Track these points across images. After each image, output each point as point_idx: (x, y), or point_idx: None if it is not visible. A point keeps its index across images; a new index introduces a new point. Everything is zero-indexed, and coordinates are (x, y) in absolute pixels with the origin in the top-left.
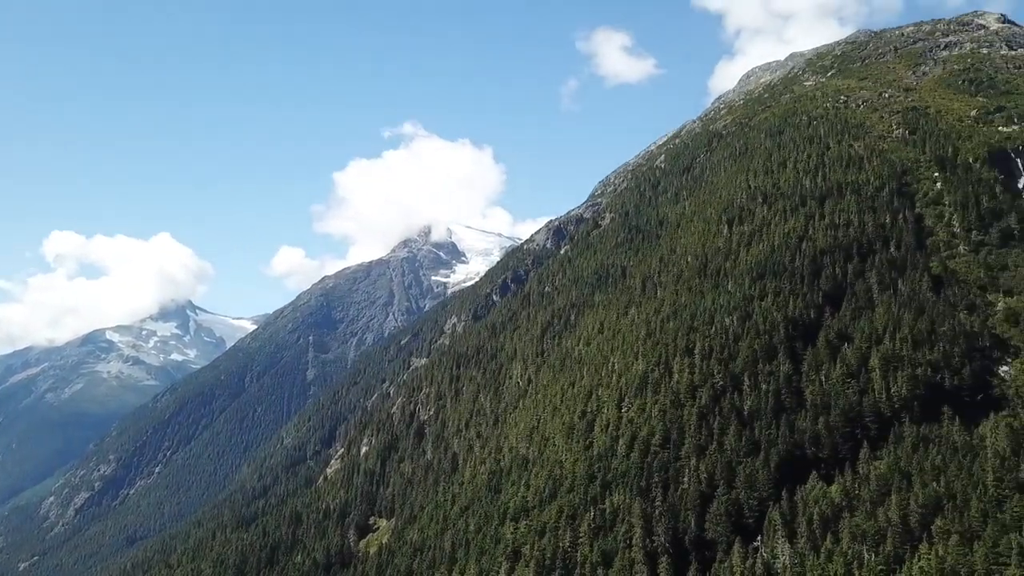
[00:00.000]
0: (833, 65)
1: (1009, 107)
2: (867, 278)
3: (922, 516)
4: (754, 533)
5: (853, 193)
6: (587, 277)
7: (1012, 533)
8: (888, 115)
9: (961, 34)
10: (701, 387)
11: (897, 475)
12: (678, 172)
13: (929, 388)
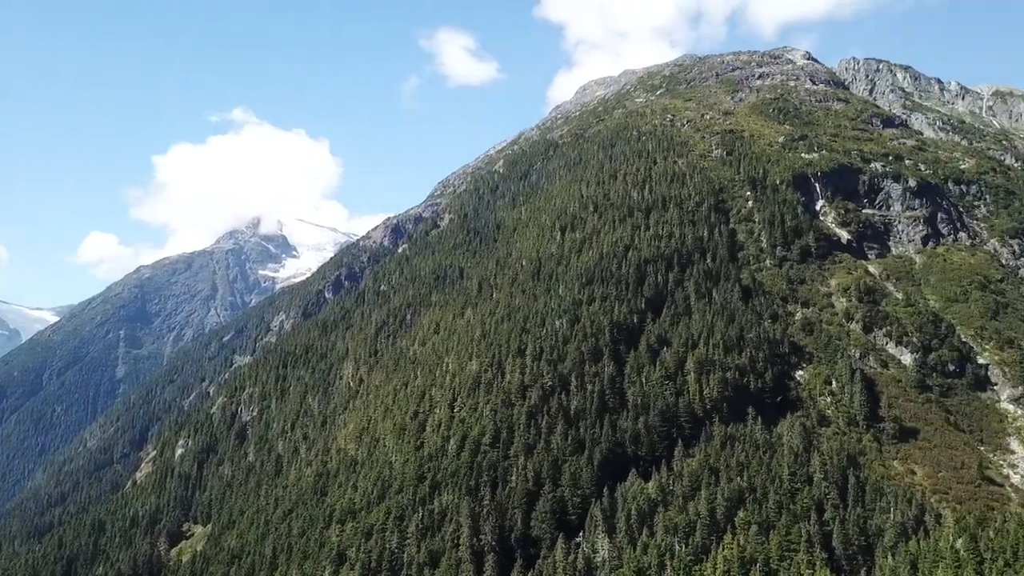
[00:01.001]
0: (662, 85)
1: (811, 136)
2: (686, 287)
3: (727, 509)
4: (577, 529)
5: (676, 207)
6: (424, 277)
7: (802, 522)
8: (709, 136)
9: (773, 66)
10: (531, 387)
11: (707, 471)
12: (516, 178)
13: (737, 390)
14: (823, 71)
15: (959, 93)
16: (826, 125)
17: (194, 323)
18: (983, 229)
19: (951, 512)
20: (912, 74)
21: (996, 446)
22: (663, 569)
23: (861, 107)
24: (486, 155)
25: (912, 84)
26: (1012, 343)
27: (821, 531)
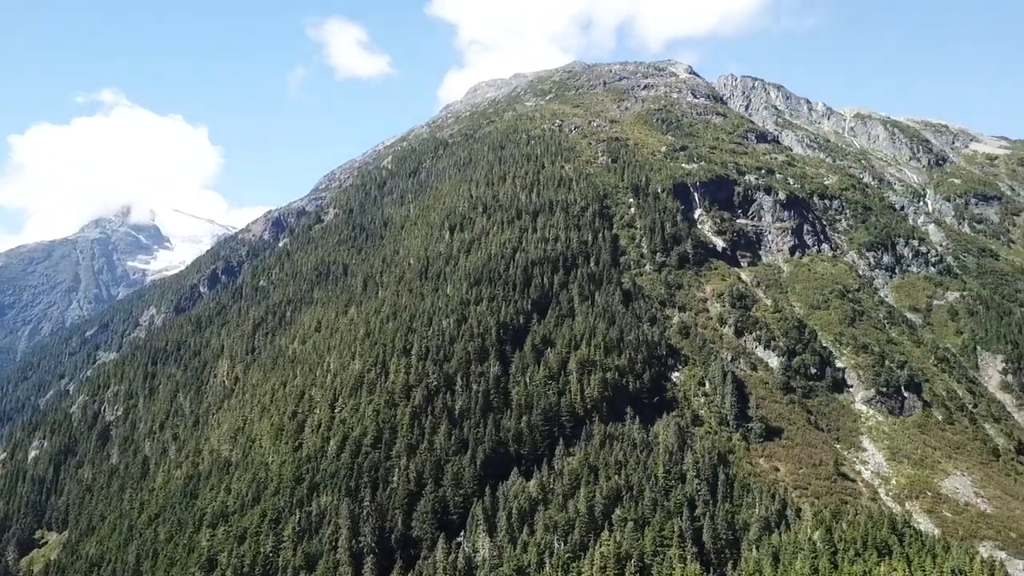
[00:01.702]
0: (552, 90)
1: (691, 147)
2: (570, 289)
3: (605, 506)
4: (458, 529)
5: (562, 211)
6: (307, 273)
7: (675, 518)
8: (595, 142)
9: (658, 78)
10: (416, 387)
11: (586, 470)
12: (405, 175)
13: (616, 390)
14: (704, 86)
15: (825, 114)
16: (705, 137)
17: (53, 316)
18: (844, 241)
19: (810, 506)
20: (784, 93)
21: (850, 444)
22: (542, 567)
23: (738, 122)
24: (374, 150)
25: (784, 103)
26: (867, 348)
27: (692, 526)
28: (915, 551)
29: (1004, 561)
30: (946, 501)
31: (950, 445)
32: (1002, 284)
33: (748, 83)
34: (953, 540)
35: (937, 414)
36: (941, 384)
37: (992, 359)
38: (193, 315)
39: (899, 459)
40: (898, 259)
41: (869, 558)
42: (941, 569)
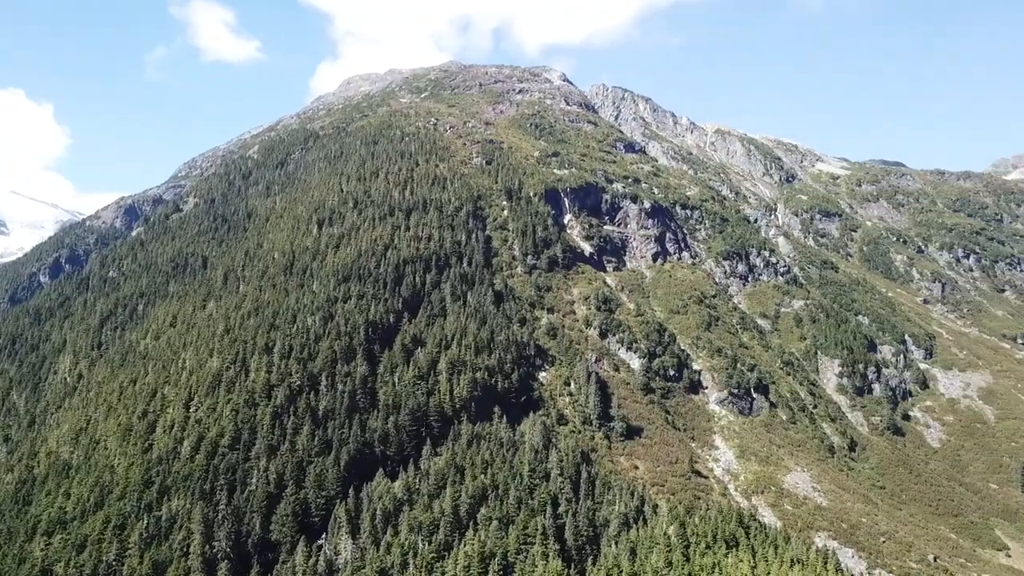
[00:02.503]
0: (427, 88)
1: (563, 153)
2: (442, 289)
3: (471, 505)
4: (320, 532)
5: (436, 210)
6: (162, 264)
7: (539, 516)
8: (470, 143)
9: (533, 83)
10: (278, 386)
11: (453, 469)
12: (272, 165)
13: (485, 390)
14: (577, 93)
15: (689, 128)
16: (577, 144)
17: None
18: (702, 250)
19: (666, 502)
20: (652, 106)
21: (704, 442)
22: (406, 568)
23: (608, 131)
24: (240, 139)
25: (651, 115)
26: (721, 352)
27: (555, 524)
28: (759, 543)
29: (836, 550)
30: (788, 496)
31: (792, 443)
32: (840, 294)
33: (618, 94)
34: (793, 532)
35: (782, 414)
36: (786, 386)
37: (830, 363)
38: (31, 306)
39: (747, 457)
40: (751, 268)
41: (718, 550)
42: (782, 559)
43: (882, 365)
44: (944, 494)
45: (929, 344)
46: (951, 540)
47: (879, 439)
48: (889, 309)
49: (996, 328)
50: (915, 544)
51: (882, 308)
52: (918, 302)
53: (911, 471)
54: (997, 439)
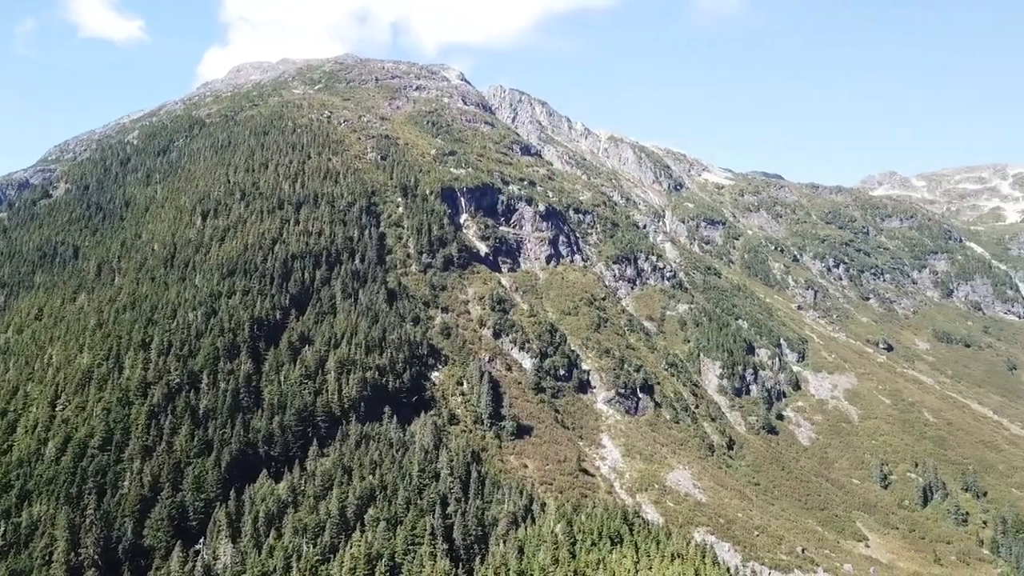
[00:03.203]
0: (322, 80)
1: (460, 153)
2: (332, 286)
3: (358, 507)
4: (198, 536)
5: (328, 204)
6: (28, 253)
7: (428, 516)
8: (365, 138)
9: (431, 80)
10: (155, 384)
11: (340, 470)
12: (153, 153)
13: (375, 390)
14: (475, 94)
15: (583, 133)
16: (474, 144)
17: None
18: (594, 253)
19: (554, 500)
20: (548, 110)
21: (591, 441)
22: (289, 571)
23: (505, 133)
24: (119, 123)
25: (548, 119)
26: (609, 352)
27: (444, 523)
28: (642, 539)
29: (714, 544)
30: (670, 493)
31: (675, 442)
32: (722, 299)
33: (516, 96)
34: (674, 527)
35: (666, 414)
36: (670, 387)
37: (712, 365)
38: None
39: (633, 455)
40: (639, 272)
41: (603, 547)
42: (663, 554)
43: (759, 367)
44: (812, 489)
45: (802, 348)
46: (818, 532)
47: (755, 438)
48: (767, 314)
49: (861, 333)
50: (786, 537)
51: (760, 313)
52: (793, 308)
53: (783, 468)
54: (860, 437)
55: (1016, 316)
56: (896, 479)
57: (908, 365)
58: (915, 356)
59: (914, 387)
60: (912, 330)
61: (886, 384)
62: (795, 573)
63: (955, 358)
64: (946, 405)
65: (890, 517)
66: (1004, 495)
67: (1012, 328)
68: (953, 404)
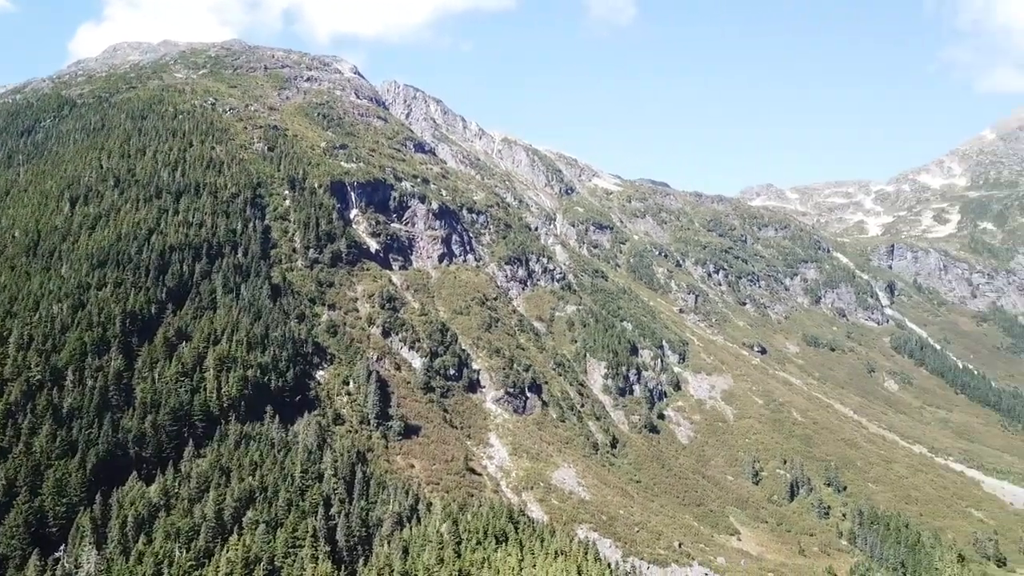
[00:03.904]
0: (207, 65)
1: (351, 146)
2: (213, 279)
3: (236, 509)
4: (59, 543)
5: (210, 195)
6: None
7: (310, 518)
8: (252, 127)
9: (323, 72)
10: (13, 381)
11: (218, 472)
12: (16, 133)
13: (257, 389)
14: (368, 88)
15: (478, 133)
16: (366, 139)
17: None
18: (486, 253)
19: (440, 500)
20: (443, 108)
21: (479, 440)
22: None
23: (398, 129)
24: None
25: (442, 117)
26: (499, 352)
27: (327, 525)
28: (527, 536)
29: (596, 541)
30: (555, 491)
31: (561, 440)
32: (609, 301)
33: (411, 92)
34: (558, 525)
35: (553, 413)
36: (557, 386)
37: (597, 365)
38: None
39: (520, 454)
40: (530, 273)
41: (489, 545)
42: (547, 552)
43: (642, 368)
44: (690, 486)
45: (683, 350)
46: (694, 527)
47: (638, 436)
48: (650, 316)
49: (738, 336)
50: (664, 532)
51: (644, 315)
52: (675, 311)
53: (663, 465)
54: (735, 436)
55: (875, 323)
56: (767, 475)
57: (780, 367)
58: (786, 359)
59: (784, 388)
60: (784, 334)
61: (759, 385)
62: (672, 567)
63: (821, 361)
64: (812, 405)
65: (760, 511)
66: (862, 489)
67: (872, 333)
68: (819, 404)
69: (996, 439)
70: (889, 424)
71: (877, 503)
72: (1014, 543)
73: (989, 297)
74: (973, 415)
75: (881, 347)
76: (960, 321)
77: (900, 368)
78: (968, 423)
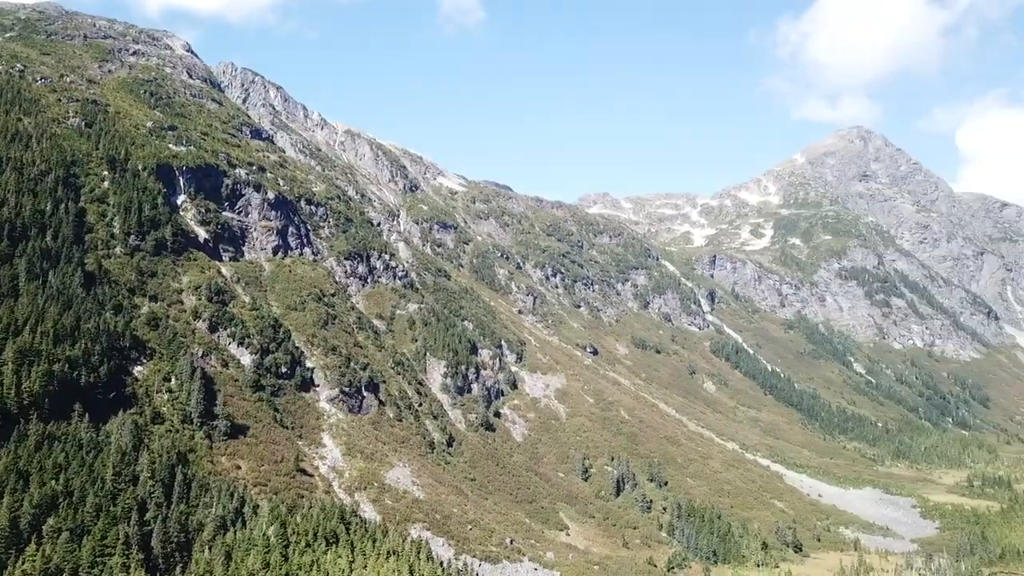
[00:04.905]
0: (15, 27)
1: (181, 128)
2: (15, 264)
3: (35, 516)
4: None
5: (15, 171)
6: None
7: (121, 524)
8: (67, 100)
9: (151, 47)
10: None
11: (14, 475)
12: None
13: (64, 385)
14: (202, 68)
15: (320, 123)
16: (198, 121)
17: None
18: (325, 248)
19: (268, 502)
20: (283, 95)
21: (312, 440)
22: None
23: (234, 113)
24: None
25: (282, 104)
26: (335, 350)
27: (141, 531)
28: (359, 537)
29: (429, 540)
30: (389, 490)
31: (397, 440)
32: (451, 300)
33: (249, 76)
34: (392, 525)
35: (390, 412)
36: (395, 385)
37: (437, 364)
38: None
39: (354, 454)
40: (371, 270)
41: (318, 548)
42: (379, 552)
43: (481, 367)
44: (523, 483)
45: (520, 349)
46: (525, 524)
47: (474, 435)
48: (490, 316)
49: (572, 337)
50: (497, 529)
51: (485, 315)
52: (514, 312)
53: (498, 463)
54: (567, 433)
55: (697, 327)
56: (595, 472)
57: (610, 368)
58: (616, 360)
59: (614, 388)
60: (615, 336)
61: (591, 385)
62: (503, 563)
63: (648, 362)
64: (639, 404)
65: (589, 507)
66: (681, 484)
67: (694, 337)
68: (645, 404)
69: (797, 436)
70: (707, 423)
71: (694, 497)
72: (809, 530)
73: (795, 306)
74: (779, 414)
75: (702, 350)
76: (770, 328)
77: (718, 370)
78: (774, 422)
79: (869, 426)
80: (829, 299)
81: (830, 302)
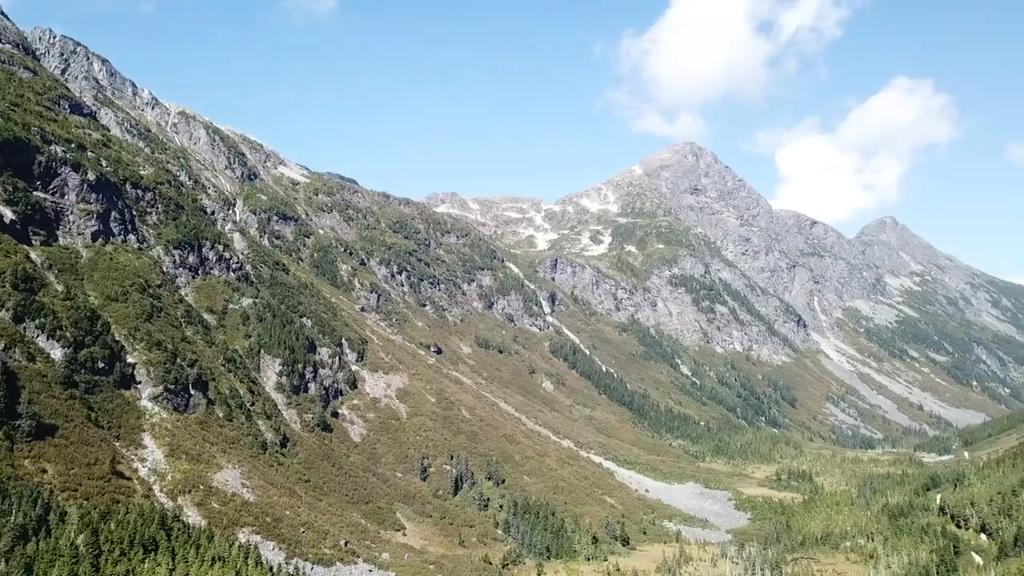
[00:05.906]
0: None
1: None
2: None
3: None
4: None
5: None
6: None
7: None
8: None
9: None
10: None
11: None
12: None
13: None
14: (14, 31)
15: (150, 102)
16: (8, 91)
17: None
18: (152, 235)
19: (78, 508)
20: (109, 69)
21: (131, 441)
22: None
23: (51, 84)
24: None
25: (108, 79)
26: (160, 345)
27: None
28: (180, 544)
29: (259, 544)
30: (216, 493)
31: (227, 440)
32: (288, 296)
33: (69, 45)
34: (218, 529)
35: (219, 411)
36: (226, 383)
37: (272, 362)
38: None
39: (178, 455)
40: (203, 261)
41: (135, 556)
42: (203, 559)
43: (319, 366)
44: (360, 484)
45: (362, 348)
46: (361, 525)
47: (310, 435)
48: (331, 314)
49: (416, 337)
50: (331, 531)
51: (325, 312)
52: (357, 309)
53: (334, 464)
54: (407, 433)
55: (538, 328)
56: (434, 471)
57: (453, 367)
58: (459, 359)
59: (456, 387)
60: (459, 336)
61: (433, 384)
62: (337, 566)
63: (491, 362)
64: (480, 403)
65: (426, 506)
66: (518, 481)
67: (535, 338)
68: (486, 403)
69: (628, 434)
70: (544, 421)
71: (531, 494)
72: (636, 524)
73: (629, 310)
74: (612, 413)
75: (541, 351)
76: (606, 330)
77: (556, 370)
78: (607, 420)
79: (693, 425)
80: (660, 304)
81: (661, 307)
